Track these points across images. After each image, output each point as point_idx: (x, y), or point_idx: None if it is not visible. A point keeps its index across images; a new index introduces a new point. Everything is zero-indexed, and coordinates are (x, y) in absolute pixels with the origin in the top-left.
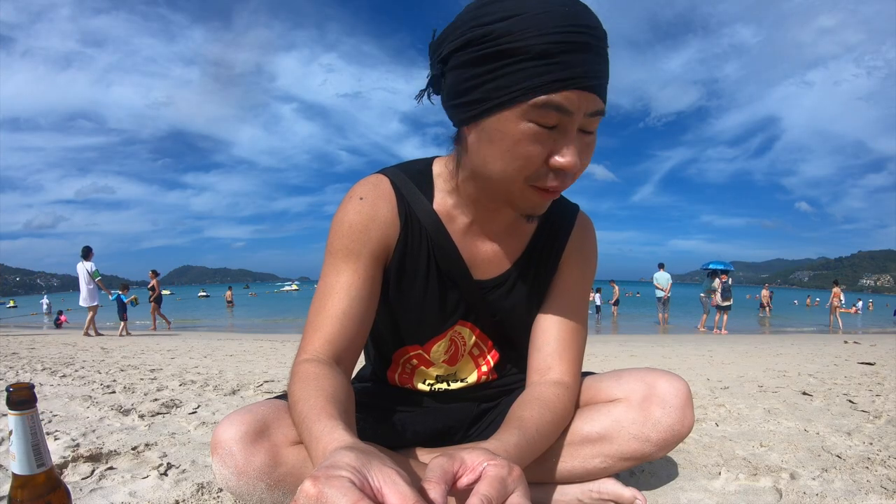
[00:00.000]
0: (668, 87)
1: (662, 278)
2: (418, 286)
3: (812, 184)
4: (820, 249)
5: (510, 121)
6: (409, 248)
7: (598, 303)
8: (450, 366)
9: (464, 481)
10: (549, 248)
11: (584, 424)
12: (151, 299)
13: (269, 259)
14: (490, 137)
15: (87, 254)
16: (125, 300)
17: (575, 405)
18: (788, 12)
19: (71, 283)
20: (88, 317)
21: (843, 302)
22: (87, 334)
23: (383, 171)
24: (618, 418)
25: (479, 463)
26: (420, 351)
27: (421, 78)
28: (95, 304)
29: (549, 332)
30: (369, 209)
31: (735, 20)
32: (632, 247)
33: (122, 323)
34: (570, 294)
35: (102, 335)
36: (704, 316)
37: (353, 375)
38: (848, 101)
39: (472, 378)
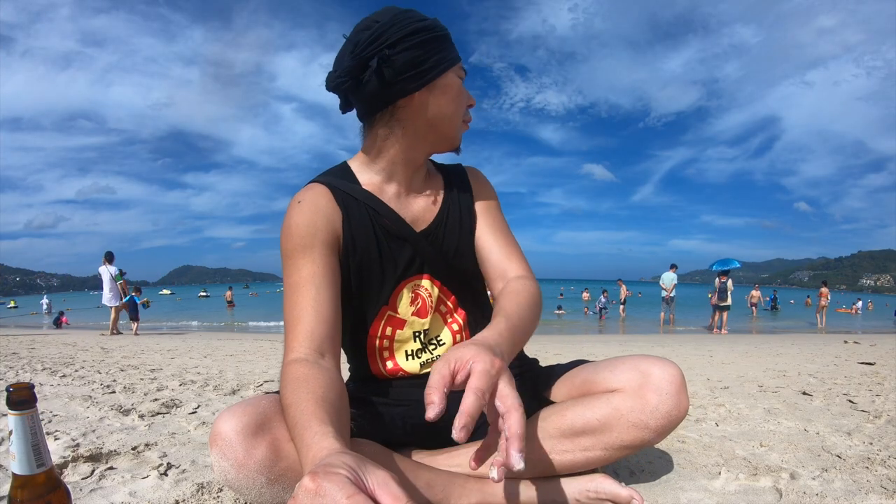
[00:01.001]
0: (668, 87)
1: (667, 278)
2: (373, 251)
3: (812, 184)
4: (820, 249)
5: (450, 77)
6: (356, 223)
7: (603, 304)
8: (420, 318)
9: (459, 379)
10: (459, 191)
11: (583, 414)
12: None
13: (269, 259)
14: (443, 91)
15: (110, 258)
16: (138, 301)
17: (538, 288)
18: (788, 12)
19: (71, 283)
20: (112, 317)
21: (829, 301)
22: (112, 333)
23: (311, 181)
24: (616, 407)
25: (467, 361)
26: (388, 311)
27: None
28: (118, 304)
29: (492, 247)
30: (309, 206)
31: (735, 20)
32: (632, 247)
33: (135, 324)
34: (491, 217)
35: (121, 334)
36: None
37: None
38: (848, 101)
39: (447, 338)
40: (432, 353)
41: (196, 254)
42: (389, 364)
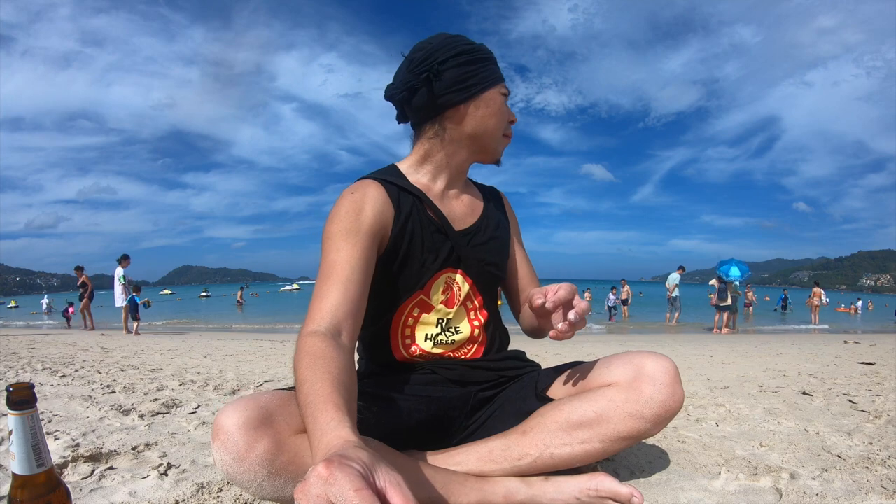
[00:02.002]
0: (667, 87)
1: (670, 279)
2: (418, 240)
3: (812, 184)
4: (820, 249)
5: (494, 94)
6: (406, 214)
7: (612, 303)
8: (447, 307)
9: (549, 295)
10: (496, 208)
11: (581, 408)
12: (84, 296)
13: (268, 259)
14: (487, 104)
15: (121, 260)
16: (138, 301)
17: None
18: (788, 12)
19: (71, 283)
20: (123, 316)
21: (823, 301)
22: (126, 332)
23: (362, 177)
24: (612, 398)
25: (553, 286)
26: (421, 296)
27: None
28: (120, 304)
29: (525, 276)
30: (361, 196)
31: (735, 20)
32: (631, 247)
33: (136, 323)
34: (519, 242)
35: (130, 333)
36: (734, 316)
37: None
38: (848, 102)
39: (466, 329)
40: (447, 338)
41: (196, 254)
42: (409, 343)
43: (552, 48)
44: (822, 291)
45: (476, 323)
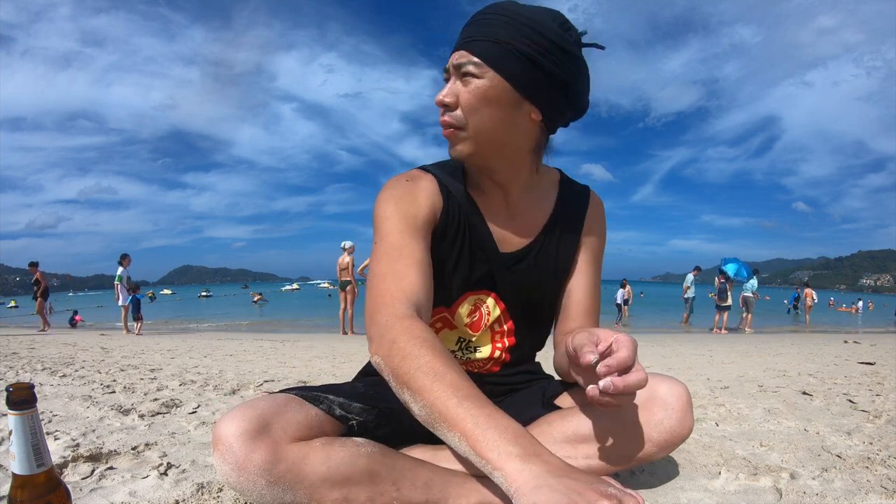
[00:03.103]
0: (667, 87)
1: (686, 279)
2: (454, 255)
3: (812, 184)
4: (820, 249)
5: None
6: (450, 219)
7: (621, 300)
8: (472, 331)
9: (601, 346)
10: (568, 222)
11: (588, 423)
12: (38, 294)
13: (268, 259)
14: None
15: (121, 260)
16: (140, 299)
17: None
18: (788, 12)
19: (71, 283)
20: (122, 316)
21: (815, 301)
22: (126, 332)
23: (420, 167)
24: (620, 418)
25: (609, 335)
26: (445, 314)
27: (420, 77)
28: (121, 304)
29: (581, 303)
30: (414, 185)
31: (735, 20)
32: (632, 247)
33: (138, 323)
34: (594, 267)
35: (130, 333)
36: (748, 316)
37: (362, 369)
38: (847, 102)
39: (486, 351)
40: (464, 355)
41: (196, 254)
42: None
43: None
44: (813, 291)
45: (500, 346)
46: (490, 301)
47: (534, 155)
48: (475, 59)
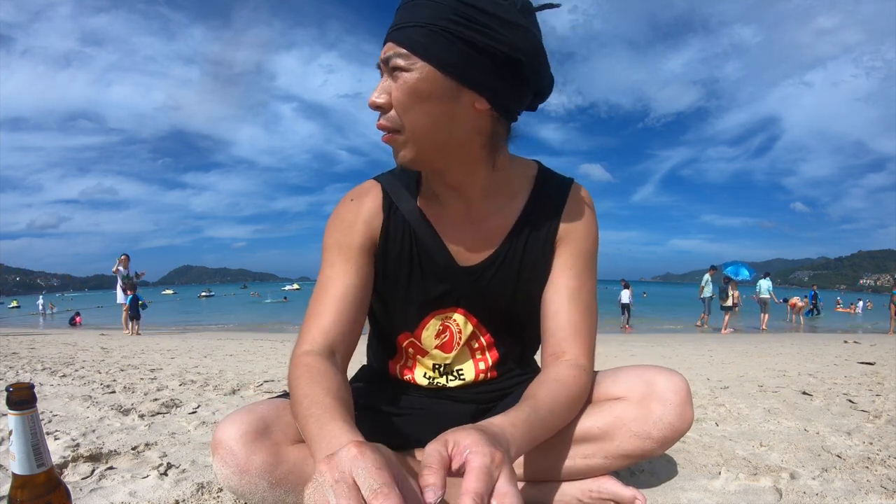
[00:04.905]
0: (667, 87)
1: (703, 279)
2: (402, 276)
3: (812, 184)
4: (820, 249)
5: None
6: (392, 241)
7: (627, 300)
8: (444, 353)
9: (454, 464)
10: (540, 225)
11: (586, 422)
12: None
13: (268, 259)
14: None
15: (121, 260)
16: (140, 298)
17: (591, 385)
18: (788, 13)
19: (71, 283)
20: (123, 316)
21: (804, 305)
22: (127, 331)
23: (375, 177)
24: (619, 416)
25: (464, 448)
26: (412, 338)
27: None
28: (121, 303)
29: (559, 314)
30: (356, 206)
31: (735, 20)
32: (632, 247)
33: (135, 323)
34: (574, 272)
35: (130, 332)
36: (765, 316)
37: (354, 375)
38: (847, 102)
39: (470, 374)
40: (447, 381)
41: (196, 254)
42: (407, 374)
43: (552, 48)
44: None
45: (482, 365)
46: (458, 317)
47: (489, 150)
48: (402, 51)
